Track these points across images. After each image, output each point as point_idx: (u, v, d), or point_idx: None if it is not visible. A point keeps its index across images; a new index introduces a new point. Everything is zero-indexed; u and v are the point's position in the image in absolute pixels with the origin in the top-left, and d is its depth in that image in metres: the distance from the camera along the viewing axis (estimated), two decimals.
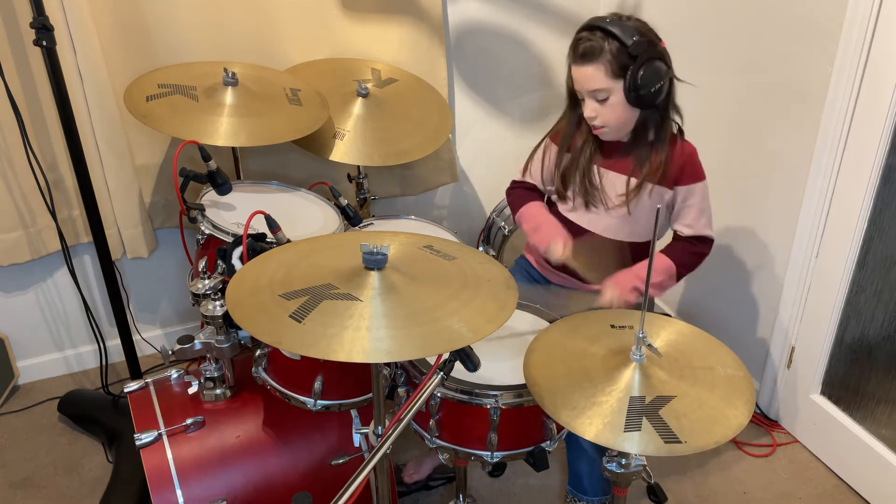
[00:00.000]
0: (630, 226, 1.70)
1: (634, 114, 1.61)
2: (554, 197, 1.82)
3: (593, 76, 1.55)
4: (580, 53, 1.56)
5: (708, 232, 1.71)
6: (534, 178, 1.84)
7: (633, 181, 1.66)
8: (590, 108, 1.60)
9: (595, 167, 1.70)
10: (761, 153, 2.12)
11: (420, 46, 2.36)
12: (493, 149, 2.68)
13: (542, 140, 1.80)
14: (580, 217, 1.75)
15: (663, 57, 1.57)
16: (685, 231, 1.70)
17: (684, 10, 2.31)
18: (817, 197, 1.94)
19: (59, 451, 2.11)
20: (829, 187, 1.92)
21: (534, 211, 1.78)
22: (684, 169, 1.65)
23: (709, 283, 2.45)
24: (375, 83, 2.23)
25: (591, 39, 1.54)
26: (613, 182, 1.69)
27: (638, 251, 1.75)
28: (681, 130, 1.70)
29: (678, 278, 1.71)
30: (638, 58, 1.52)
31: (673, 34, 2.39)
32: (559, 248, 1.66)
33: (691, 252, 1.71)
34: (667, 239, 1.78)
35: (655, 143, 1.64)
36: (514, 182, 1.87)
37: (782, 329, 2.14)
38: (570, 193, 1.73)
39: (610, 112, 1.59)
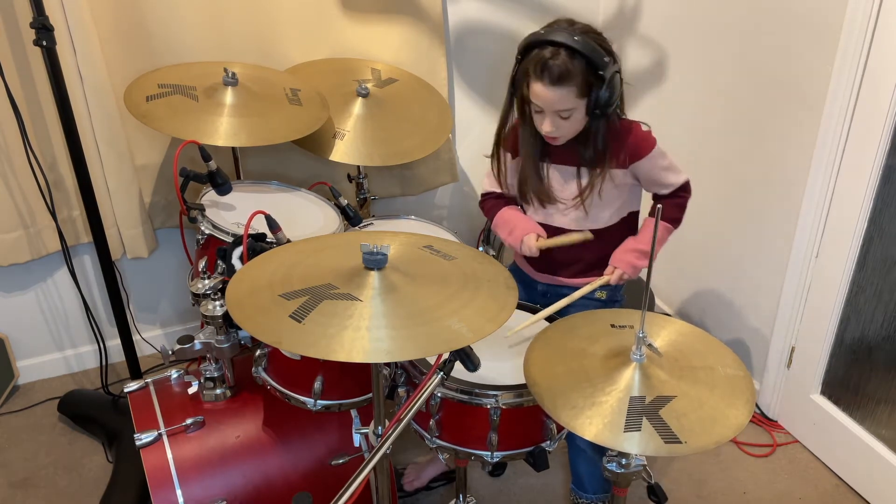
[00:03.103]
0: (594, 213, 1.71)
1: (586, 119, 1.60)
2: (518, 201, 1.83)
3: (564, 98, 1.52)
4: (555, 77, 1.49)
5: (682, 179, 1.72)
6: (498, 186, 1.84)
7: (584, 171, 1.67)
8: (550, 124, 1.57)
9: (545, 166, 1.70)
10: (761, 153, 2.12)
11: (420, 46, 2.36)
12: None
13: (493, 149, 1.79)
14: (544, 216, 1.75)
15: (619, 67, 1.56)
16: (666, 192, 1.72)
17: (684, 10, 2.31)
18: (817, 197, 1.94)
19: (59, 451, 2.11)
20: (829, 187, 1.92)
21: (505, 216, 1.79)
22: (634, 147, 1.65)
23: (709, 283, 2.45)
24: (375, 83, 2.23)
25: (558, 59, 1.48)
26: (565, 177, 1.70)
27: (611, 231, 1.74)
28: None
29: (671, 232, 1.75)
30: (604, 78, 1.50)
31: (673, 34, 2.40)
32: (531, 239, 1.69)
33: (676, 205, 1.73)
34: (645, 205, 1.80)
35: (597, 134, 1.62)
36: (482, 195, 1.88)
37: (782, 329, 2.14)
38: (529, 196, 1.74)
39: (569, 125, 1.58)
